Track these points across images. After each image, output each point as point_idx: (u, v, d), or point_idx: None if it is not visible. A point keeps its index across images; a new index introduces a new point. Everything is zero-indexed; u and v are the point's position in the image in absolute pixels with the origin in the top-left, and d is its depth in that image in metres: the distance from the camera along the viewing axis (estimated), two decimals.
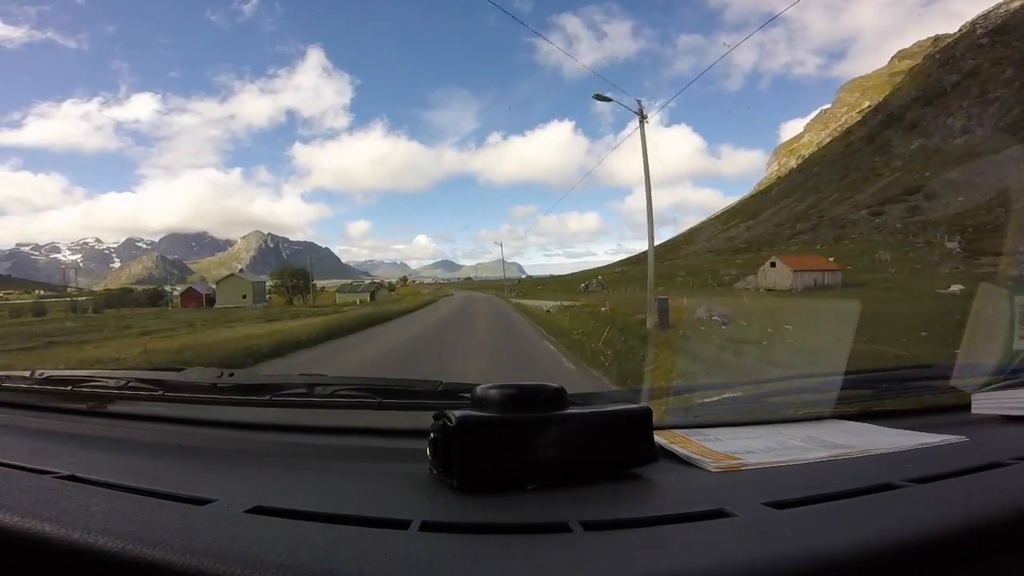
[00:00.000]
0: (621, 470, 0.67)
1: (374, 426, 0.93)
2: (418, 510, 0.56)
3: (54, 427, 0.95)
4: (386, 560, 0.45)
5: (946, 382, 1.05)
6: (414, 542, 0.49)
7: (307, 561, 0.44)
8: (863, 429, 0.89)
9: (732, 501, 0.56)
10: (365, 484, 0.69)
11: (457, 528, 0.53)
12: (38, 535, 0.48)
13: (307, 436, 0.92)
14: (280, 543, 0.47)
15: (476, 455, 0.61)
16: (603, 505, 0.59)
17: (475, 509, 0.58)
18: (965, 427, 0.85)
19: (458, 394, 0.85)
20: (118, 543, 0.46)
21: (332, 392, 0.93)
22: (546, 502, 0.59)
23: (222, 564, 0.43)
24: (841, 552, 0.45)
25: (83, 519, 0.50)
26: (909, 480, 0.60)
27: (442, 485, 0.63)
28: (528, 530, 0.52)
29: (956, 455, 0.73)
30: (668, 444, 0.77)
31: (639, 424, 0.68)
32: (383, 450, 0.85)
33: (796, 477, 0.67)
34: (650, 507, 0.59)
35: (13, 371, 1.13)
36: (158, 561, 0.44)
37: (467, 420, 0.61)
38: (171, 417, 0.99)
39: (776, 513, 0.54)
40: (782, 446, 0.78)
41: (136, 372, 1.08)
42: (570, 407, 0.67)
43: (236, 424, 0.96)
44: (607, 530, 0.52)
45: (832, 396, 1.01)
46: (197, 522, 0.51)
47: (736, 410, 1.05)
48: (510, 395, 0.65)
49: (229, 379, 0.98)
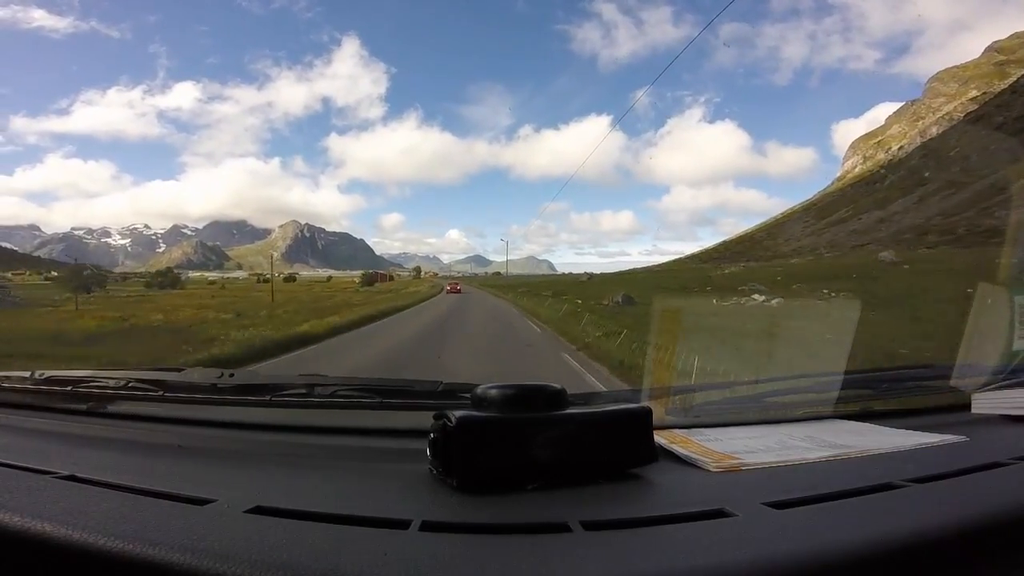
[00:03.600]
0: (621, 470, 0.67)
1: (374, 426, 0.93)
2: (418, 510, 0.56)
3: (54, 427, 0.95)
4: (386, 560, 0.45)
5: (946, 382, 1.05)
6: (414, 542, 0.49)
7: (307, 561, 0.44)
8: (863, 429, 0.89)
9: (732, 501, 0.56)
10: (365, 484, 0.69)
11: (457, 528, 0.53)
12: (38, 535, 0.48)
13: (307, 436, 0.92)
14: (280, 543, 0.47)
15: (476, 455, 0.61)
16: (603, 505, 0.59)
17: (475, 509, 0.58)
18: (965, 427, 0.85)
19: (458, 394, 0.85)
20: (118, 543, 0.46)
21: (332, 392, 0.93)
22: (546, 502, 0.59)
23: (222, 564, 0.43)
24: (841, 552, 0.45)
25: (83, 519, 0.50)
26: (909, 480, 0.61)
27: (442, 485, 0.63)
28: (528, 530, 0.52)
29: (956, 455, 0.73)
30: (668, 444, 0.77)
31: (639, 424, 0.68)
32: (383, 450, 0.85)
33: (796, 477, 0.67)
34: (650, 507, 0.59)
35: (13, 371, 1.13)
36: (158, 561, 0.44)
37: (467, 420, 0.61)
38: (171, 417, 0.99)
39: (776, 513, 0.54)
40: (782, 446, 0.78)
41: (136, 372, 1.08)
42: (570, 407, 0.67)
43: (236, 424, 0.96)
44: (607, 530, 0.52)
45: (832, 396, 1.01)
46: (197, 522, 0.51)
47: (736, 410, 1.05)
48: (510, 395, 0.65)
49: (229, 379, 0.98)
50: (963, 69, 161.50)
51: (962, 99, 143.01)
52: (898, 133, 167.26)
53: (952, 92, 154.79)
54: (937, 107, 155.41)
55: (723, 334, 8.39)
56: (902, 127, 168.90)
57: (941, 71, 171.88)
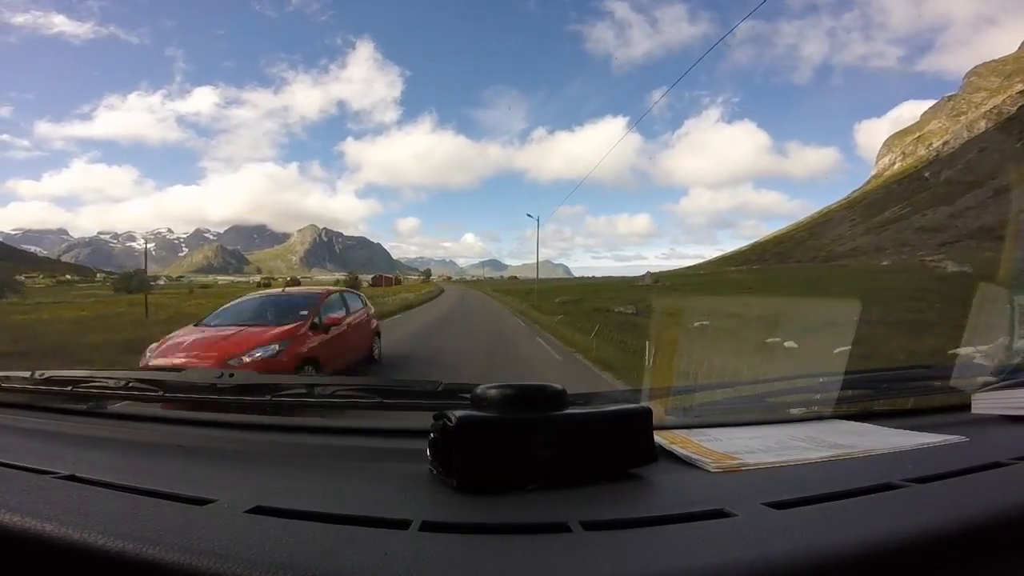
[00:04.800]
0: (621, 470, 0.67)
1: (374, 426, 0.94)
2: (418, 510, 0.56)
3: (54, 427, 0.95)
4: (386, 560, 0.45)
5: (946, 382, 1.05)
6: (414, 542, 0.49)
7: (307, 561, 0.44)
8: (863, 429, 0.89)
9: (732, 501, 0.56)
10: (365, 484, 0.69)
11: (457, 528, 0.53)
12: (38, 535, 0.48)
13: (307, 436, 0.92)
14: (280, 543, 0.47)
15: (476, 455, 0.61)
16: (603, 505, 0.59)
17: (475, 509, 0.58)
18: (965, 427, 0.85)
19: (458, 394, 0.85)
20: (118, 543, 0.46)
21: (332, 392, 0.93)
22: (546, 502, 0.59)
23: (222, 564, 0.43)
24: (841, 552, 0.45)
25: (83, 519, 0.50)
26: (909, 480, 0.61)
27: (442, 485, 0.63)
28: (528, 530, 0.52)
29: (956, 455, 0.73)
30: (668, 444, 0.77)
31: (639, 424, 0.68)
32: (383, 450, 0.85)
33: (796, 477, 0.67)
34: (650, 507, 0.59)
35: (13, 371, 1.13)
36: (158, 561, 0.44)
37: (467, 420, 0.61)
38: (171, 417, 0.99)
39: (776, 513, 0.54)
40: (782, 446, 0.78)
41: (136, 372, 1.09)
42: (570, 407, 0.67)
43: (236, 424, 0.97)
44: (607, 530, 0.52)
45: (832, 396, 1.01)
46: (197, 522, 0.51)
47: (736, 410, 1.05)
48: (510, 395, 0.65)
49: (229, 379, 0.98)
50: (1002, 63, 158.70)
51: (1009, 92, 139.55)
52: (938, 129, 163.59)
53: (994, 87, 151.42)
54: (979, 102, 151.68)
55: None
56: (941, 123, 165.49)
57: (979, 66, 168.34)
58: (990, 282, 1.32)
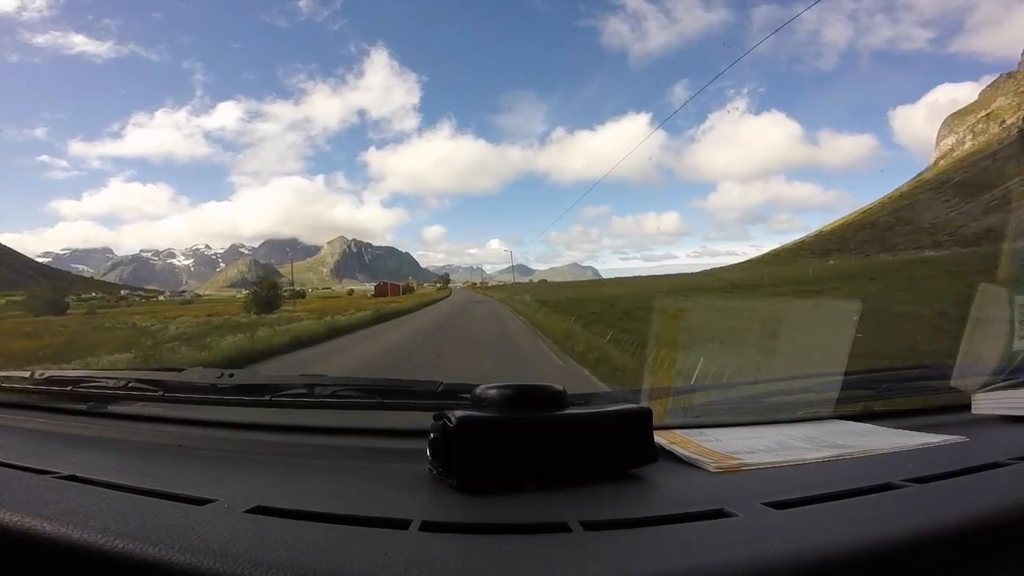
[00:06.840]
0: (621, 470, 0.67)
1: (374, 426, 0.93)
2: (418, 510, 0.56)
3: (54, 427, 0.95)
4: (386, 560, 0.45)
5: (946, 382, 1.05)
6: (414, 542, 0.49)
7: (307, 561, 0.44)
8: (863, 429, 0.89)
9: (732, 501, 0.56)
10: (365, 484, 0.69)
11: (457, 528, 0.53)
12: (38, 535, 0.48)
13: (307, 436, 0.92)
14: (280, 543, 0.47)
15: (476, 455, 0.61)
16: (603, 505, 0.59)
17: (475, 509, 0.58)
18: (965, 427, 0.85)
19: (458, 394, 0.85)
20: (118, 543, 0.46)
21: (332, 392, 0.93)
22: (546, 502, 0.59)
23: (222, 564, 0.43)
24: (841, 552, 0.45)
25: (83, 519, 0.50)
26: (909, 480, 0.60)
27: (442, 485, 0.63)
28: (528, 530, 0.52)
29: (956, 455, 0.73)
30: (668, 444, 0.77)
31: (639, 424, 0.68)
32: (383, 450, 0.85)
33: (796, 477, 0.67)
34: (650, 507, 0.59)
35: (13, 371, 1.13)
36: (158, 561, 0.44)
37: (467, 420, 0.61)
38: (171, 417, 0.99)
39: (776, 513, 0.54)
40: (782, 446, 0.78)
41: (136, 372, 1.08)
42: (570, 407, 0.67)
43: (236, 424, 0.97)
44: (607, 530, 0.52)
45: (832, 396, 1.01)
46: (197, 522, 0.51)
47: (736, 410, 1.05)
48: (510, 395, 0.65)
49: (229, 379, 0.98)
50: None
51: None
52: (1007, 105, 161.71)
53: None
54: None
55: None
56: (1008, 99, 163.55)
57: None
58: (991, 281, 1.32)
